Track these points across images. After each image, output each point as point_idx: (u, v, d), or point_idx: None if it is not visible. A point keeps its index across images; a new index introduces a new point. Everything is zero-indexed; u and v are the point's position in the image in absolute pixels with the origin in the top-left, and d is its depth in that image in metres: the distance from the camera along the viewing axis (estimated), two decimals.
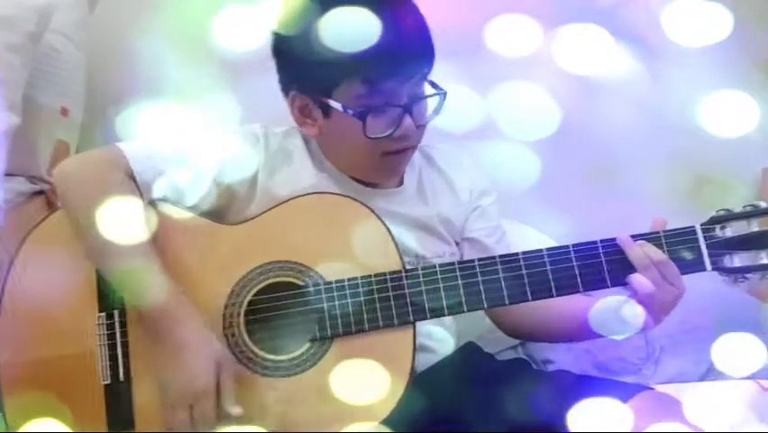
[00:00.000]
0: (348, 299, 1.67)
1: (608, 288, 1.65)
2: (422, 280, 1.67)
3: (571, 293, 1.65)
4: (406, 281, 1.67)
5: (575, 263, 1.64)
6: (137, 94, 2.05)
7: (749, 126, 1.96)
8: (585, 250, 1.65)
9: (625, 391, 1.60)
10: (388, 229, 1.69)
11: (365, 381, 1.63)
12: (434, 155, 1.86)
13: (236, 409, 1.62)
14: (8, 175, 2.06)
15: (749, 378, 1.87)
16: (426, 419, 1.65)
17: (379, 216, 1.70)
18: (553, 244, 1.75)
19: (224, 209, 1.75)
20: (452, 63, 1.90)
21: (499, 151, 2.08)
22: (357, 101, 1.69)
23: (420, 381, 1.67)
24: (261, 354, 1.66)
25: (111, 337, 1.68)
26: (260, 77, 1.79)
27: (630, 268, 1.62)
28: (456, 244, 1.84)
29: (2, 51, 2.07)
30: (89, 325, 1.68)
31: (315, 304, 1.67)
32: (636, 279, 1.60)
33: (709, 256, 1.63)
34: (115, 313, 1.69)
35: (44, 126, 2.18)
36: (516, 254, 1.66)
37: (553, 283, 1.63)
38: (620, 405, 1.55)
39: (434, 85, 1.74)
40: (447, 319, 1.77)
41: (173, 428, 1.62)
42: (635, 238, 1.65)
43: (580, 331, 1.69)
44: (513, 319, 1.81)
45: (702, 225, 1.64)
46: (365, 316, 1.67)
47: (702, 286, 1.66)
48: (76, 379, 1.66)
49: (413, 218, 1.79)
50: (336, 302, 1.67)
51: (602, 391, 1.59)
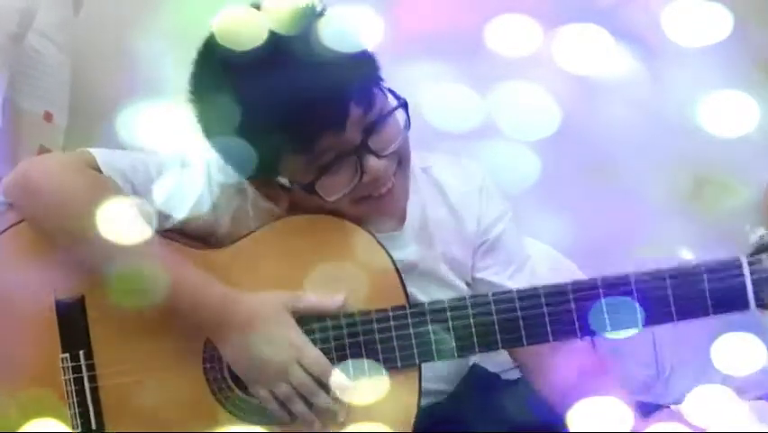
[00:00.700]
0: (345, 339, 1.50)
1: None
2: (429, 318, 1.50)
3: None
4: (411, 319, 1.50)
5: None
6: (135, 94, 2.05)
7: (749, 126, 1.96)
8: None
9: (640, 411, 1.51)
10: (390, 257, 1.52)
11: None
12: (442, 183, 1.65)
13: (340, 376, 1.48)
14: None
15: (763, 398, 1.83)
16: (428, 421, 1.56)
17: (380, 242, 1.53)
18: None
19: (206, 235, 1.57)
20: (452, 63, 1.90)
21: (499, 151, 2.08)
22: (305, 170, 1.49)
23: (425, 412, 1.54)
24: (248, 399, 1.51)
25: (78, 382, 1.49)
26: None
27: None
28: (468, 284, 1.65)
29: None
30: (53, 365, 1.49)
31: (311, 336, 1.49)
32: None
33: (755, 293, 1.47)
34: (81, 354, 1.49)
35: (26, 131, 2.10)
36: (537, 289, 1.49)
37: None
38: (620, 405, 1.55)
39: (393, 94, 1.52)
40: None
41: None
42: (670, 273, 1.48)
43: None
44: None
45: (748, 255, 1.49)
46: (364, 357, 1.49)
47: None
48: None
49: (413, 264, 1.59)
50: (332, 343, 1.50)
51: None
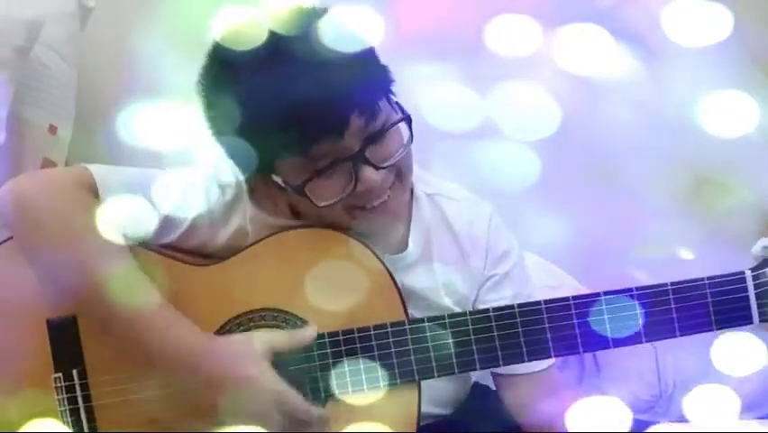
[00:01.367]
0: (344, 356, 1.47)
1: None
2: (428, 334, 1.47)
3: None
4: (410, 335, 1.48)
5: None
6: (136, 95, 2.05)
7: (749, 126, 1.96)
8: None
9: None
10: (389, 271, 1.50)
11: None
12: (448, 213, 1.62)
13: (320, 411, 1.46)
14: None
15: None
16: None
17: (378, 257, 1.50)
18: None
19: (202, 249, 1.54)
20: (452, 63, 1.90)
21: (499, 151, 2.08)
22: (299, 171, 1.47)
23: (423, 429, 1.52)
24: None
25: (72, 401, 1.46)
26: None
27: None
28: None
29: None
30: (47, 385, 1.46)
31: (306, 362, 1.47)
32: None
33: (758, 307, 1.45)
34: (74, 374, 1.46)
35: (30, 144, 2.08)
36: (539, 303, 1.47)
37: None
38: (620, 405, 1.55)
39: (399, 108, 1.50)
40: None
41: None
42: (673, 285, 1.48)
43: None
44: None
45: (752, 269, 1.47)
46: (363, 374, 1.47)
47: None
48: None
49: (415, 292, 1.56)
50: (330, 360, 1.47)
51: None
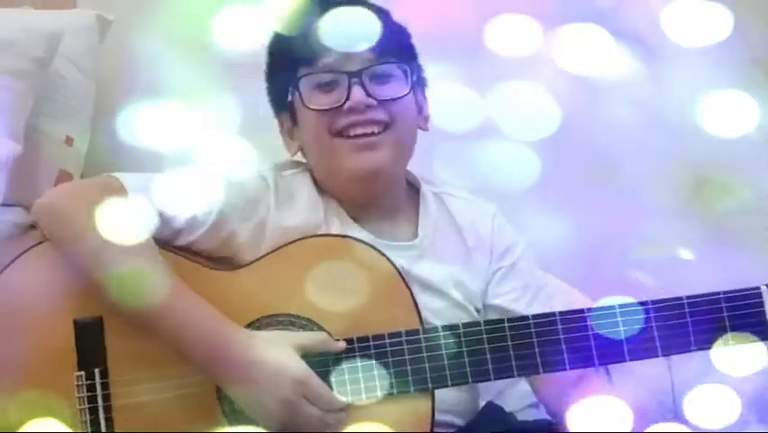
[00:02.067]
0: (358, 362, 1.49)
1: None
2: (443, 342, 1.48)
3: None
4: (424, 343, 1.49)
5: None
6: (137, 94, 2.05)
7: (749, 126, 1.96)
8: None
9: None
10: (404, 279, 1.54)
11: None
12: (453, 211, 1.71)
13: (342, 400, 1.48)
14: (5, 205, 1.97)
15: None
16: None
17: (393, 264, 1.54)
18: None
19: (222, 252, 1.61)
20: (452, 63, 1.90)
21: (499, 151, 2.08)
22: (307, 89, 1.64)
23: None
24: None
25: (92, 400, 1.50)
26: (260, 77, 1.79)
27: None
28: (477, 311, 1.65)
29: (7, 77, 2.00)
30: (68, 382, 1.50)
31: (320, 367, 1.49)
32: None
33: None
34: (96, 373, 1.50)
35: (47, 155, 2.09)
36: (554, 314, 1.48)
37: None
38: (620, 405, 1.55)
39: (413, 84, 1.66)
40: None
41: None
42: (688, 299, 1.47)
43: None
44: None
45: None
46: (377, 381, 1.48)
47: None
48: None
49: (425, 281, 1.62)
50: (345, 365, 1.49)
51: None
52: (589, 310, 1.48)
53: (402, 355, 1.48)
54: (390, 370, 1.48)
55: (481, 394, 1.72)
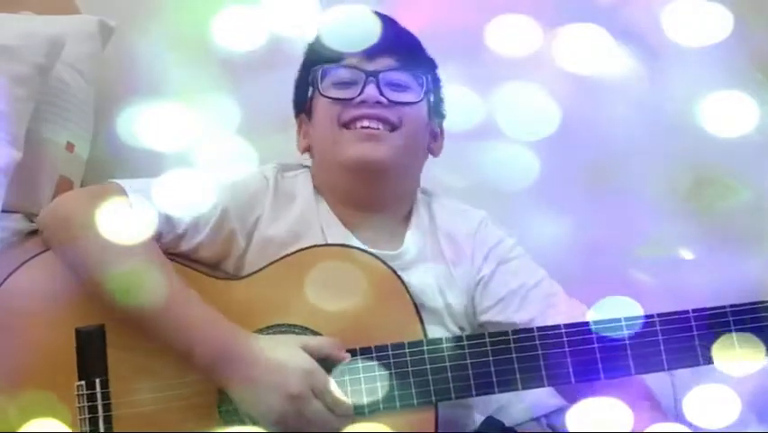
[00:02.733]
0: (360, 374, 1.47)
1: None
2: (446, 354, 1.46)
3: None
4: (427, 355, 1.47)
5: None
6: (137, 94, 2.05)
7: (749, 126, 1.96)
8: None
9: None
10: (407, 289, 1.53)
11: None
12: (437, 217, 1.71)
13: (348, 402, 1.46)
14: (5, 212, 1.94)
15: None
16: None
17: (396, 273, 1.54)
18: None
19: (222, 257, 1.62)
20: (452, 63, 1.90)
21: (499, 151, 2.08)
22: (326, 84, 1.68)
23: None
24: None
25: (93, 410, 1.49)
26: (260, 77, 1.80)
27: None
28: (461, 329, 1.63)
29: (7, 83, 1.98)
30: (69, 393, 1.49)
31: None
32: None
33: None
34: (97, 383, 1.50)
35: (47, 162, 2.06)
36: (559, 326, 1.47)
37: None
38: (620, 405, 1.55)
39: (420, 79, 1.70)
40: None
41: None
42: (695, 313, 1.46)
43: None
44: None
45: None
46: (380, 395, 1.46)
47: None
48: None
49: (415, 294, 1.58)
50: (347, 377, 1.47)
51: None
52: (595, 323, 1.46)
53: (405, 367, 1.46)
54: (393, 382, 1.46)
55: (482, 409, 1.71)
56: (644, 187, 2.18)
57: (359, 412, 1.47)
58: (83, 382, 1.50)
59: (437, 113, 1.77)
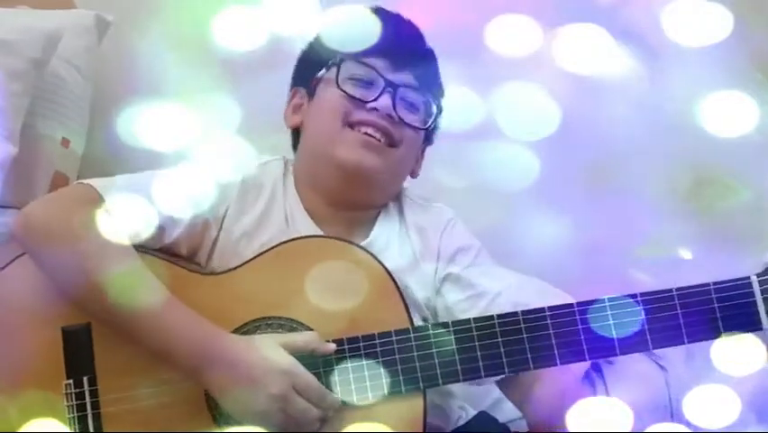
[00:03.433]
0: (348, 363, 1.48)
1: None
2: (433, 340, 1.47)
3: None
4: (414, 342, 1.48)
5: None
6: (136, 93, 2.05)
7: (749, 126, 1.96)
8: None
9: None
10: (392, 278, 1.53)
11: None
12: (406, 212, 1.72)
13: (336, 397, 1.47)
14: (1, 207, 1.94)
15: None
16: None
17: (382, 263, 1.54)
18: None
19: (197, 248, 1.61)
20: (452, 63, 1.90)
21: (499, 151, 2.08)
22: (344, 74, 1.66)
23: None
24: None
25: (81, 408, 1.49)
26: (260, 77, 1.79)
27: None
28: (424, 319, 1.62)
29: (3, 77, 1.98)
30: (57, 392, 1.49)
31: (310, 369, 1.47)
32: None
33: (767, 313, 1.45)
34: (85, 381, 1.49)
35: (43, 157, 2.07)
36: (543, 309, 1.47)
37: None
38: (620, 405, 1.55)
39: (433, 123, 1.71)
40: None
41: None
42: (678, 291, 1.46)
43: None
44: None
45: (759, 274, 1.48)
46: (368, 382, 1.47)
47: None
48: None
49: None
50: (335, 366, 1.48)
51: None
52: (578, 305, 1.46)
53: (392, 355, 1.47)
54: (381, 370, 1.47)
55: (476, 405, 1.71)
56: (644, 187, 2.18)
57: (347, 401, 1.47)
58: (71, 381, 1.50)
59: (429, 140, 1.78)
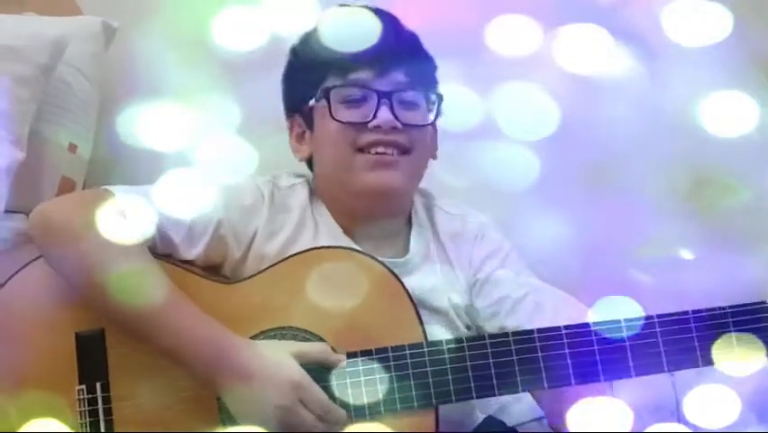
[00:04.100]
0: (361, 377, 1.47)
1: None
2: (447, 356, 1.46)
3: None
4: (428, 357, 1.46)
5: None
6: (138, 94, 2.05)
7: (749, 126, 1.96)
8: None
9: None
10: (407, 292, 1.52)
11: None
12: (438, 222, 1.72)
13: (342, 412, 1.46)
14: (8, 212, 1.95)
15: None
16: None
17: (397, 276, 1.53)
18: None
19: (217, 264, 1.61)
20: (452, 63, 1.90)
21: (499, 151, 2.08)
22: (336, 102, 1.63)
23: None
24: None
25: (93, 414, 1.49)
26: (260, 77, 1.79)
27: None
28: (467, 327, 1.64)
29: (10, 83, 1.98)
30: (69, 397, 1.49)
31: (323, 382, 1.47)
32: None
33: None
34: (98, 387, 1.49)
35: (50, 162, 2.07)
36: (559, 328, 1.46)
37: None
38: (620, 405, 1.55)
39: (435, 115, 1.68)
40: None
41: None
42: (694, 313, 1.45)
43: None
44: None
45: None
46: (380, 397, 1.46)
47: None
48: None
49: (417, 297, 1.57)
50: (347, 379, 1.47)
51: None
52: (595, 324, 1.46)
53: (406, 370, 1.46)
54: (393, 385, 1.46)
55: (483, 409, 1.70)
56: (644, 187, 2.18)
57: (359, 415, 1.46)
58: (83, 387, 1.49)
59: (437, 115, 1.75)
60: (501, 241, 1.72)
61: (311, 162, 1.74)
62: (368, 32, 1.63)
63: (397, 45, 1.67)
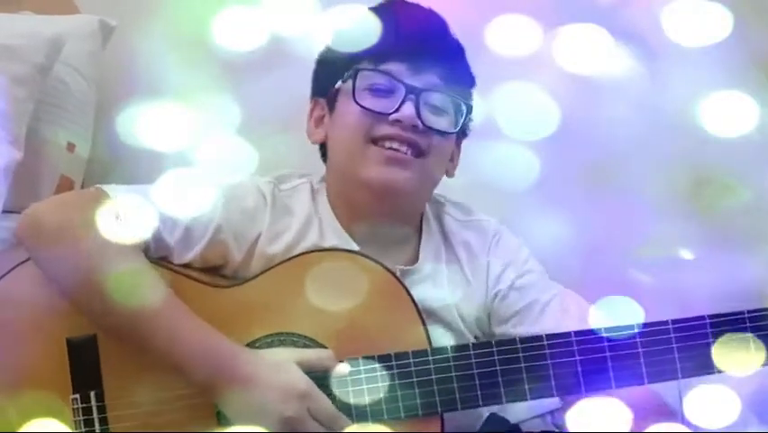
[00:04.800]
0: (363, 384, 1.44)
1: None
2: (452, 364, 1.43)
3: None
4: (432, 364, 1.43)
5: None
6: (137, 94, 2.05)
7: (749, 126, 1.96)
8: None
9: None
10: (411, 297, 1.49)
11: None
12: (449, 230, 1.68)
13: (347, 420, 1.43)
14: (6, 212, 1.93)
15: None
16: None
17: (401, 281, 1.50)
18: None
19: (216, 266, 1.58)
20: None
21: (499, 151, 2.08)
22: (361, 86, 1.59)
23: None
24: None
25: (89, 424, 1.45)
26: (260, 77, 1.79)
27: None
28: (476, 338, 1.61)
29: (7, 83, 1.98)
30: (63, 405, 1.45)
31: (326, 390, 1.44)
32: None
33: None
34: (92, 396, 1.46)
35: (48, 161, 2.07)
36: (569, 334, 1.43)
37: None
38: (620, 404, 1.54)
39: (462, 125, 1.64)
40: None
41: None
42: (710, 318, 1.43)
43: None
44: None
45: None
46: (383, 405, 1.43)
47: None
48: None
49: (426, 307, 1.55)
50: (350, 388, 1.44)
51: None
52: (606, 330, 1.43)
53: (410, 378, 1.43)
54: (397, 392, 1.43)
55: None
56: (644, 187, 2.18)
57: (360, 421, 1.44)
58: (77, 396, 1.46)
59: (463, 134, 1.72)
60: (518, 247, 1.69)
61: (324, 153, 1.69)
62: (410, 27, 1.61)
63: (437, 47, 1.63)
